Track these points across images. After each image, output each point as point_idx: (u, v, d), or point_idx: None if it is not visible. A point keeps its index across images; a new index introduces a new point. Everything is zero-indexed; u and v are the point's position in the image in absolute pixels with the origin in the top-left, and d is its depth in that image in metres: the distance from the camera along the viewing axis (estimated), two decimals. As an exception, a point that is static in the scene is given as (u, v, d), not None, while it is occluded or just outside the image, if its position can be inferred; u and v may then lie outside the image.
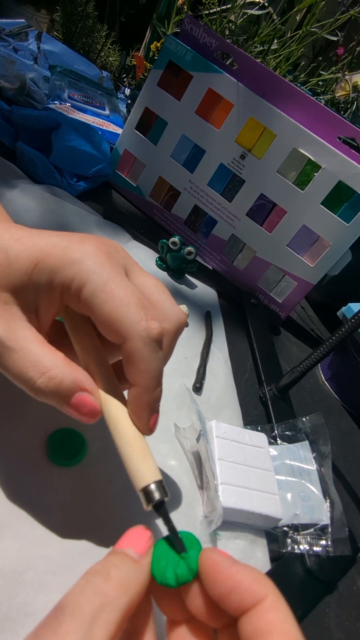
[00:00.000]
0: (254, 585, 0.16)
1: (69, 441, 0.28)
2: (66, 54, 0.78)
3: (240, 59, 0.50)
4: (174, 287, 0.51)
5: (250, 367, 0.47)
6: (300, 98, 0.49)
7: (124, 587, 0.16)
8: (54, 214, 0.48)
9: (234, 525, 0.30)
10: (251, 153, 0.53)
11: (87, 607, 0.15)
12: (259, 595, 0.16)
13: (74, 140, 0.53)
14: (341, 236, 0.50)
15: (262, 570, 0.29)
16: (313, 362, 0.40)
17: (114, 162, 0.63)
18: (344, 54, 0.90)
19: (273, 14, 0.76)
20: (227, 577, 0.17)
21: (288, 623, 0.16)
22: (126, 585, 0.16)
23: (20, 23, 0.76)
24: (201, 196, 0.58)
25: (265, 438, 0.35)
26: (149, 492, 0.20)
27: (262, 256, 0.56)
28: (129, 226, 0.56)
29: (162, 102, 0.56)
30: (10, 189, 0.47)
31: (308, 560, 0.30)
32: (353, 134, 0.48)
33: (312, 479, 0.34)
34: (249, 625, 0.16)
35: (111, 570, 0.16)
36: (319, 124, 0.48)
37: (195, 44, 0.52)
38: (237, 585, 0.16)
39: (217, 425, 0.33)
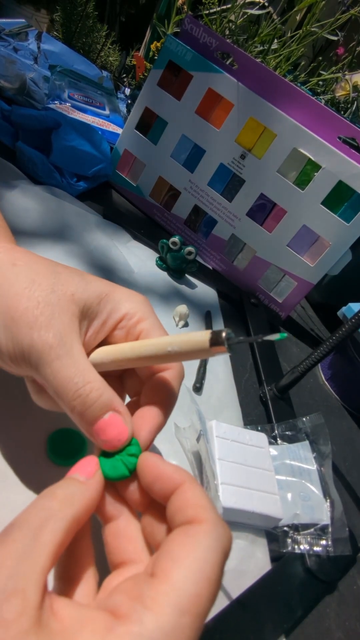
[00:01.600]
0: (174, 475, 0.19)
1: (69, 441, 0.28)
2: (66, 53, 0.78)
3: (240, 59, 0.50)
4: (174, 287, 0.51)
5: (250, 367, 0.47)
6: (300, 98, 0.49)
7: (68, 501, 0.18)
8: (54, 214, 0.48)
9: (234, 525, 0.30)
10: (251, 153, 0.53)
11: (34, 519, 0.16)
12: (177, 482, 0.19)
13: (74, 140, 0.53)
14: (341, 236, 0.50)
15: (262, 570, 0.29)
16: (313, 362, 0.40)
17: (114, 162, 0.63)
18: (344, 54, 0.90)
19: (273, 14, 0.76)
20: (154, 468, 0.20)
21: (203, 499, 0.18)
22: (70, 500, 0.18)
23: (20, 23, 0.76)
24: (201, 196, 0.58)
25: (265, 438, 0.35)
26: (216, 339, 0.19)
27: (262, 256, 0.56)
28: (129, 226, 0.56)
29: (162, 102, 0.56)
30: (10, 189, 0.47)
31: (308, 560, 0.30)
32: (353, 134, 0.47)
33: (312, 479, 0.34)
34: (171, 506, 0.19)
35: (57, 490, 0.18)
36: (319, 124, 0.48)
37: (195, 43, 0.52)
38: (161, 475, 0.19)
39: (217, 425, 0.33)
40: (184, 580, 0.16)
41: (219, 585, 0.17)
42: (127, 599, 0.16)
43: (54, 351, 0.20)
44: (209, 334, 0.20)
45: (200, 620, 0.16)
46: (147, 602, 0.15)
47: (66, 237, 0.47)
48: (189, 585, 0.16)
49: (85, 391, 0.20)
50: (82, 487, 0.19)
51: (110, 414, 0.21)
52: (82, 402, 0.20)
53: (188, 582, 0.16)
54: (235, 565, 0.28)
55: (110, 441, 0.21)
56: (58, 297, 0.22)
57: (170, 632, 0.15)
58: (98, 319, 0.23)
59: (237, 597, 0.26)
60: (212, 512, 0.18)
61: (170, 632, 0.15)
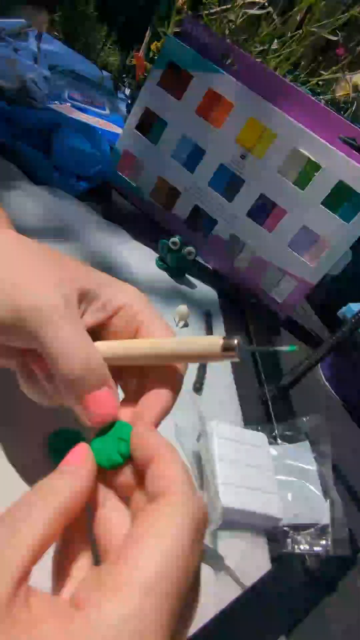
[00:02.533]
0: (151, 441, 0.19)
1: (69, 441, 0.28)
2: (66, 53, 0.78)
3: (240, 59, 0.50)
4: (174, 287, 0.51)
5: (251, 367, 0.47)
6: (300, 98, 0.49)
7: (52, 493, 0.17)
8: (54, 214, 0.48)
9: (234, 525, 0.30)
10: (251, 153, 0.53)
11: (16, 513, 0.16)
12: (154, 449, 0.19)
13: (74, 140, 0.53)
14: (341, 236, 0.50)
15: (262, 570, 0.29)
16: (313, 362, 0.40)
17: (114, 162, 0.63)
18: (344, 54, 0.90)
19: (273, 14, 0.76)
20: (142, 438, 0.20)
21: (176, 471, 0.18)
22: (54, 491, 0.17)
23: (20, 23, 0.76)
24: (201, 196, 0.58)
25: (265, 438, 0.35)
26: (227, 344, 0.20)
27: (262, 256, 0.56)
28: (129, 226, 0.56)
29: (162, 102, 0.56)
30: (10, 189, 0.47)
31: (308, 560, 0.30)
32: (353, 134, 0.48)
33: (312, 479, 0.34)
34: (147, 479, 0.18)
35: (42, 484, 0.18)
36: (319, 124, 0.48)
37: (195, 43, 0.52)
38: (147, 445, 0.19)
39: (217, 425, 0.33)
40: (146, 559, 0.15)
41: (192, 561, 0.15)
42: (88, 587, 0.15)
43: (58, 312, 0.20)
44: (221, 339, 0.20)
45: (170, 600, 0.14)
46: (107, 587, 0.14)
47: (66, 237, 0.47)
48: (152, 564, 0.15)
49: (89, 356, 0.20)
50: (68, 477, 0.18)
51: (105, 389, 0.21)
52: (85, 366, 0.20)
53: (151, 561, 0.15)
54: (235, 565, 0.28)
55: (100, 415, 0.21)
56: (61, 273, 0.22)
57: (131, 616, 0.14)
58: (96, 302, 0.23)
59: (237, 597, 0.26)
60: (183, 484, 0.17)
61: (131, 616, 0.14)
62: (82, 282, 0.22)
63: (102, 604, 0.14)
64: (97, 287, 0.23)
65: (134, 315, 0.24)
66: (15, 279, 0.21)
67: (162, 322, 0.24)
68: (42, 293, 0.20)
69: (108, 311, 0.24)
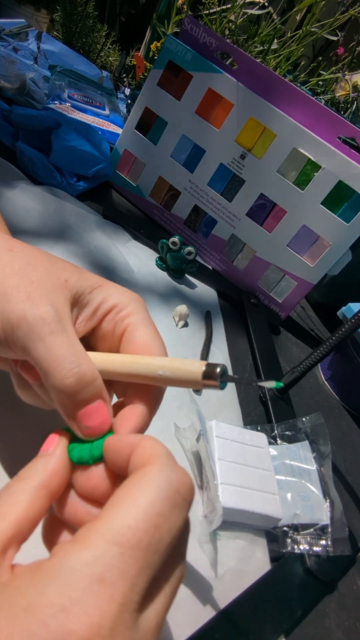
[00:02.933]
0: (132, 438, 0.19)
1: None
2: (66, 53, 0.78)
3: (240, 59, 0.50)
4: (174, 287, 0.51)
5: (250, 367, 0.47)
6: (300, 98, 0.49)
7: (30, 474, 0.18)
8: (54, 214, 0.48)
9: (234, 525, 0.30)
10: (251, 153, 0.53)
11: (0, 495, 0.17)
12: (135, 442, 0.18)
13: (74, 140, 0.53)
14: (341, 236, 0.50)
15: (262, 570, 0.29)
16: (313, 362, 0.40)
17: (114, 162, 0.63)
18: (344, 54, 0.90)
19: (273, 14, 0.76)
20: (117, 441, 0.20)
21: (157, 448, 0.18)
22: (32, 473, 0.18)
23: (20, 23, 0.76)
24: (201, 196, 0.58)
25: (265, 438, 0.35)
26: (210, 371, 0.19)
27: (262, 256, 0.56)
28: (129, 226, 0.56)
29: (162, 102, 0.56)
30: (10, 189, 0.47)
31: (308, 560, 0.30)
32: (353, 134, 0.48)
33: (312, 479, 0.34)
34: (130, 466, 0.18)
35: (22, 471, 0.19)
36: (319, 124, 0.49)
37: (195, 43, 0.52)
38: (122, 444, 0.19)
39: (217, 425, 0.33)
40: (118, 514, 0.15)
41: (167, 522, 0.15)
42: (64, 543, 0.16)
43: (48, 325, 0.20)
44: (204, 367, 0.19)
45: (137, 553, 0.14)
46: (77, 539, 0.15)
47: (66, 237, 0.47)
48: (123, 518, 0.15)
49: (81, 371, 0.20)
50: (44, 459, 0.19)
51: (99, 401, 0.20)
52: (77, 381, 0.19)
53: (122, 516, 0.15)
54: (235, 565, 0.28)
55: (93, 428, 0.20)
56: (51, 279, 0.21)
57: (93, 561, 0.14)
58: (88, 307, 0.23)
59: (237, 597, 0.26)
60: (163, 457, 0.17)
61: (93, 561, 0.14)
62: (74, 287, 0.22)
63: (68, 551, 0.15)
64: (89, 290, 0.23)
65: (122, 318, 0.23)
66: (4, 290, 0.20)
67: (149, 330, 0.23)
68: (30, 305, 0.20)
69: (99, 316, 0.23)
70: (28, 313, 0.20)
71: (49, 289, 0.21)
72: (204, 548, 0.28)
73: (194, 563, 0.27)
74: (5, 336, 0.20)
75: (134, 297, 0.24)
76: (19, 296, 0.20)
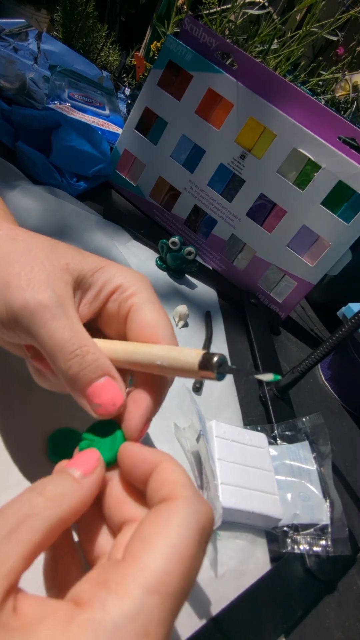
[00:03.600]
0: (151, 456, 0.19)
1: (69, 441, 0.28)
2: (66, 53, 0.78)
3: (240, 59, 0.50)
4: (174, 287, 0.51)
5: (250, 367, 0.47)
6: (300, 98, 0.49)
7: (56, 501, 0.16)
8: (54, 214, 0.48)
9: (234, 525, 0.30)
10: (251, 153, 0.53)
11: (15, 513, 0.15)
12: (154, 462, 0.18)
13: (74, 140, 0.53)
14: (341, 236, 0.50)
15: (262, 570, 0.29)
16: (313, 362, 0.40)
17: (114, 162, 0.63)
18: (344, 54, 0.90)
19: (273, 14, 0.76)
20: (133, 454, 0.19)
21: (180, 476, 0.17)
22: (59, 500, 0.16)
23: (20, 23, 0.76)
24: (201, 196, 0.58)
25: (265, 438, 0.35)
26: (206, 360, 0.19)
27: (262, 256, 0.56)
28: (129, 226, 0.56)
29: (162, 102, 0.56)
30: (10, 189, 0.47)
31: (308, 560, 0.30)
32: (353, 134, 0.47)
33: (312, 479, 0.34)
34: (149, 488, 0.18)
35: (47, 486, 0.17)
36: (319, 124, 0.48)
37: (195, 43, 0.52)
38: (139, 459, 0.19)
39: (217, 425, 0.33)
40: (152, 558, 0.14)
41: (196, 562, 0.15)
42: (91, 586, 0.15)
43: (49, 311, 0.20)
44: (200, 357, 0.19)
45: (173, 600, 0.14)
46: (112, 586, 0.14)
47: (66, 237, 0.47)
48: (158, 563, 0.14)
49: (82, 352, 0.20)
50: (75, 487, 0.17)
51: (106, 378, 0.21)
52: (79, 362, 0.20)
53: (157, 560, 0.14)
54: (235, 565, 0.28)
55: (104, 405, 0.20)
56: (52, 264, 0.22)
57: (136, 614, 0.13)
58: (92, 290, 0.23)
59: (237, 597, 0.26)
60: (188, 488, 0.17)
61: (136, 614, 0.13)
62: (75, 270, 0.22)
63: (106, 601, 0.13)
64: (91, 273, 0.23)
65: (126, 298, 0.23)
66: (6, 278, 0.21)
67: (153, 307, 0.23)
68: (31, 292, 0.20)
69: (103, 298, 0.23)
70: (29, 300, 0.20)
71: (50, 274, 0.21)
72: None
73: (194, 563, 0.27)
74: (10, 324, 0.21)
75: (138, 277, 0.24)
76: (20, 284, 0.20)
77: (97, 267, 0.24)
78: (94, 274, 0.23)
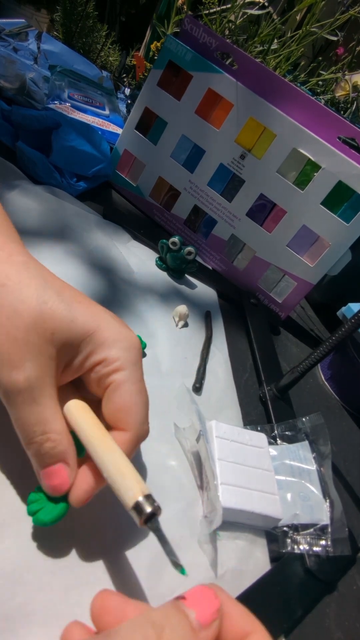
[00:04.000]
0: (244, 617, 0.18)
1: None
2: (66, 53, 0.78)
3: (240, 59, 0.50)
4: (174, 287, 0.51)
5: (250, 367, 0.47)
6: (300, 98, 0.49)
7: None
8: (54, 214, 0.48)
9: (234, 525, 0.30)
10: (251, 153, 0.53)
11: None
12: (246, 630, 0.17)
13: (74, 140, 0.53)
14: (341, 236, 0.50)
15: (262, 570, 0.29)
16: (313, 362, 0.40)
17: (114, 162, 0.63)
18: (344, 54, 0.90)
19: (273, 14, 0.76)
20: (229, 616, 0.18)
21: None
22: None
23: (20, 23, 0.76)
24: (201, 196, 0.58)
25: (265, 438, 0.35)
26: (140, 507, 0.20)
27: (262, 256, 0.56)
28: (129, 226, 0.56)
29: (162, 102, 0.56)
30: (10, 189, 0.47)
31: (308, 560, 0.30)
32: (353, 134, 0.47)
33: (312, 479, 0.34)
34: None
35: (166, 629, 0.16)
36: (319, 124, 0.49)
37: (195, 44, 0.52)
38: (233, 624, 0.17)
39: (217, 425, 0.33)
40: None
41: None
42: None
43: (21, 396, 0.21)
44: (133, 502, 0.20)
45: None
46: None
47: (66, 237, 0.47)
48: None
49: (42, 439, 0.21)
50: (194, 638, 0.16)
51: (59, 465, 0.22)
52: (37, 448, 0.21)
53: None
54: (235, 565, 0.28)
55: (52, 487, 0.22)
56: (37, 334, 0.21)
57: None
58: (77, 359, 0.23)
59: (237, 597, 0.26)
60: None
61: None
62: (60, 340, 0.22)
63: None
64: (78, 342, 0.23)
65: (107, 374, 0.23)
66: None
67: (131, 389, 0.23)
68: (8, 370, 0.21)
69: (86, 368, 0.24)
70: (5, 380, 0.21)
71: (33, 348, 0.21)
72: (204, 548, 0.28)
73: (194, 563, 0.27)
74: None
75: (125, 346, 0.24)
76: (3, 361, 0.21)
77: (85, 334, 0.23)
78: (80, 343, 0.23)
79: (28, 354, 0.21)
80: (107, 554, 0.24)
